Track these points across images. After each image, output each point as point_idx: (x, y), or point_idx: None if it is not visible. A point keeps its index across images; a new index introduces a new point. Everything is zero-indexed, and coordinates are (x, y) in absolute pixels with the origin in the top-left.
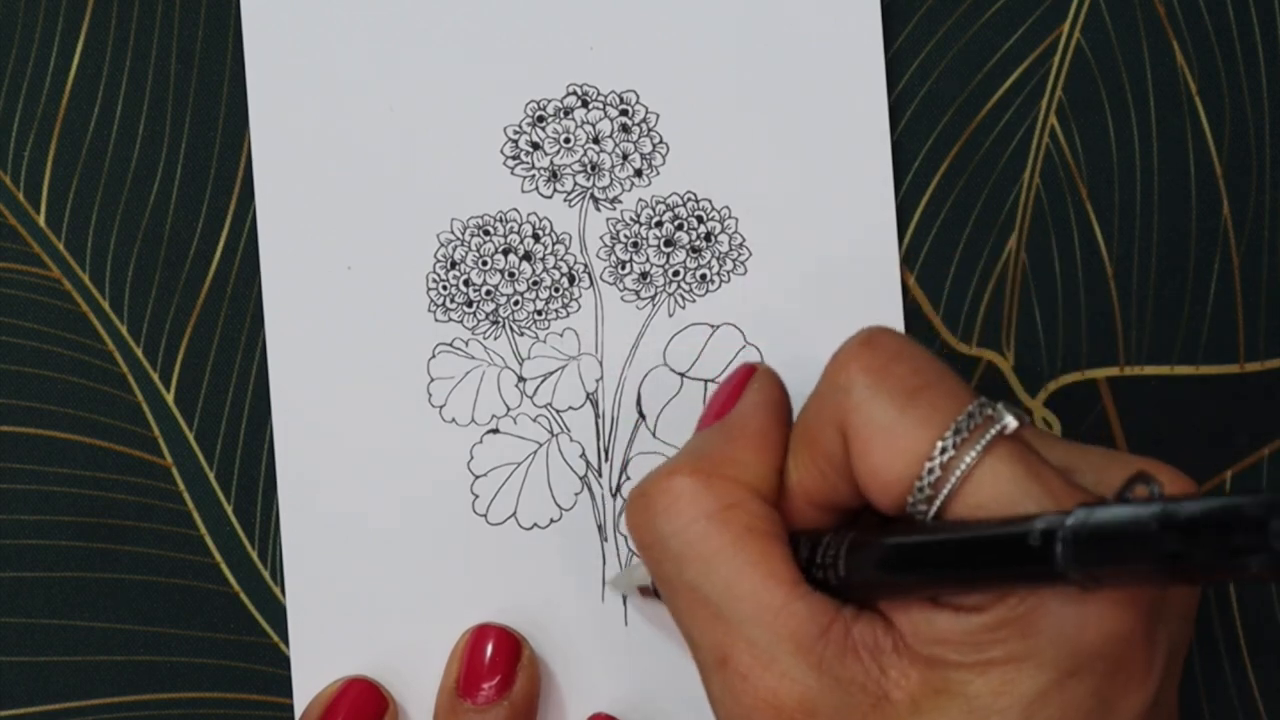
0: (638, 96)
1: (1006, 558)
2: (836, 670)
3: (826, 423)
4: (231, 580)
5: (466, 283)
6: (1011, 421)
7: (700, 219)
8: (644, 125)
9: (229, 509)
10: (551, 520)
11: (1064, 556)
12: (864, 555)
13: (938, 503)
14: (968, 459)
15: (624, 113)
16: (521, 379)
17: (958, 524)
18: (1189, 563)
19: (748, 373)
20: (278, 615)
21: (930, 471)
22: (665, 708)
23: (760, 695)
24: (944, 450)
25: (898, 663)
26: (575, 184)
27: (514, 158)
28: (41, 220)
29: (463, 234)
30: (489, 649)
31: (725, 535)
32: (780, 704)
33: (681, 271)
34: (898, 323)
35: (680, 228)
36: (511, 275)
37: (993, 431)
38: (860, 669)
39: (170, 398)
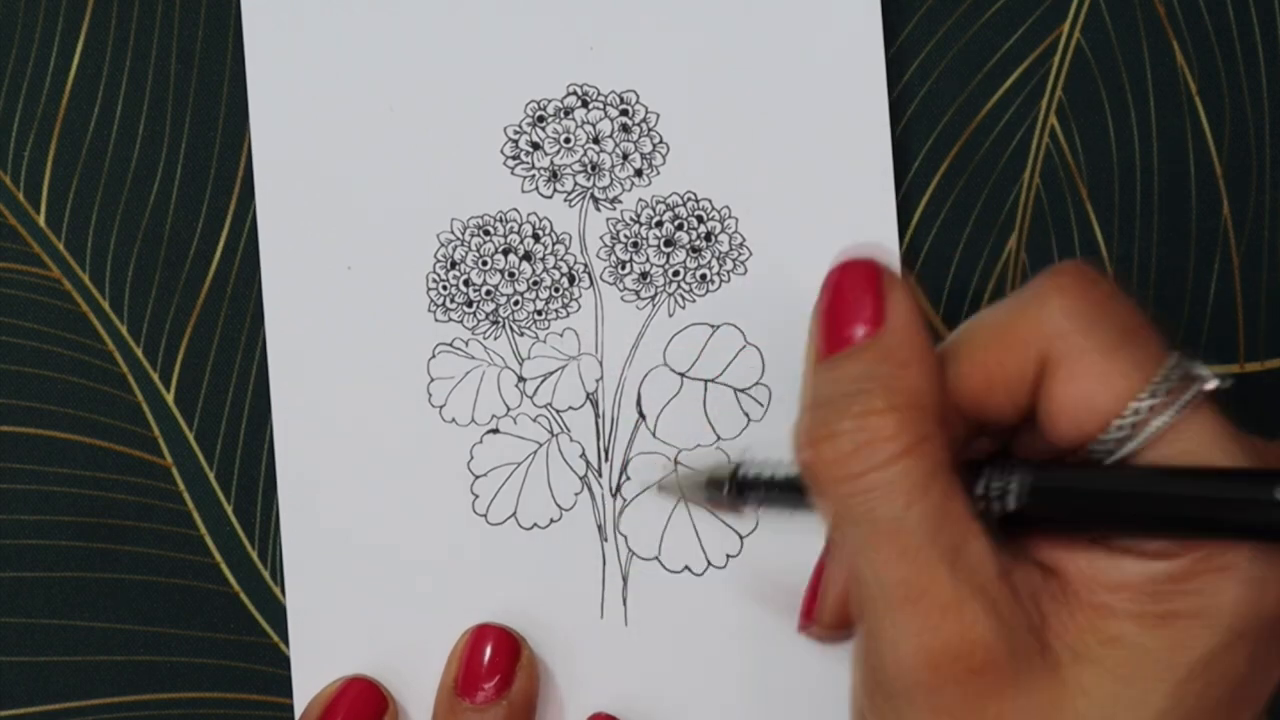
0: (638, 96)
1: (1239, 510)
2: (1006, 615)
3: (1024, 340)
4: (231, 580)
5: (466, 283)
6: (1214, 379)
7: (700, 219)
8: (644, 125)
9: (229, 509)
10: (551, 520)
11: None
12: (1057, 493)
13: (1132, 445)
14: (1174, 409)
15: (624, 113)
16: (521, 379)
17: (1161, 470)
18: None
19: (874, 274)
20: (278, 615)
21: (1136, 412)
22: (665, 708)
23: (944, 637)
24: (1153, 394)
25: (1057, 611)
26: (575, 184)
27: (514, 158)
28: (41, 220)
29: (463, 234)
30: (488, 649)
31: (919, 473)
32: (964, 647)
33: (681, 271)
34: None
35: (680, 228)
36: (511, 275)
37: (1197, 387)
38: (1023, 614)
39: (170, 398)
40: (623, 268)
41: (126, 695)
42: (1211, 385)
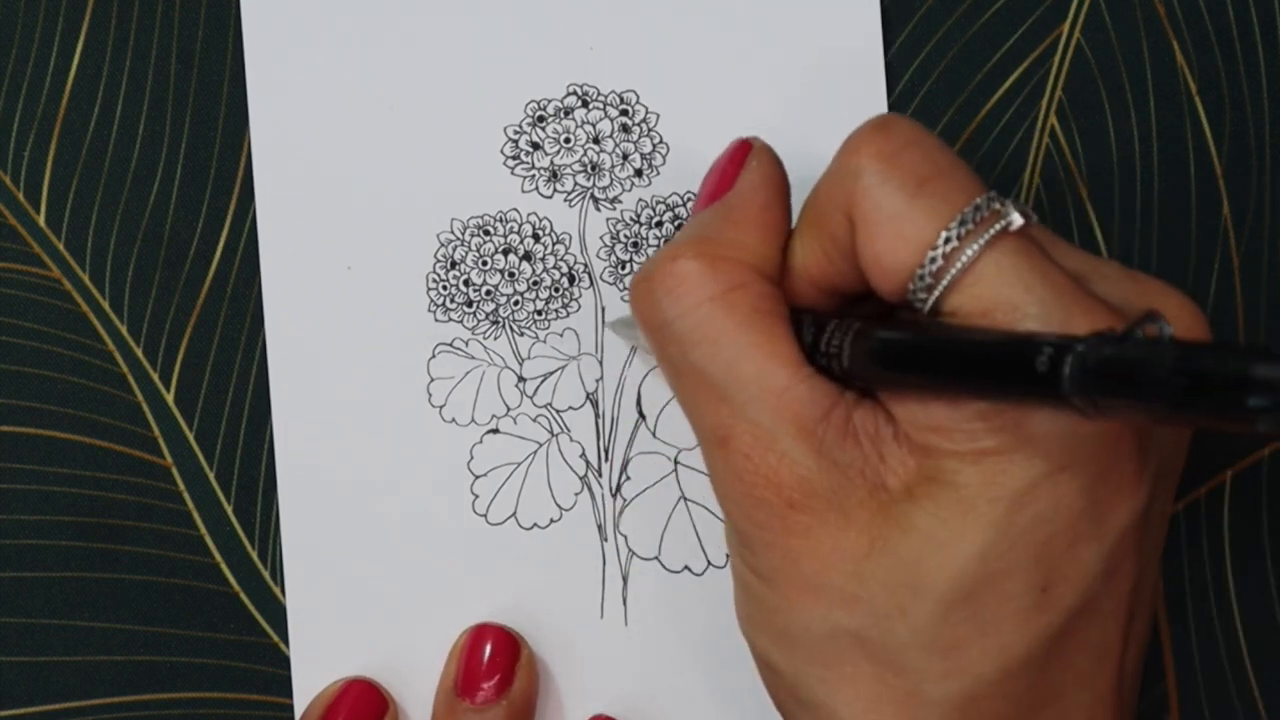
0: (638, 97)
1: (1011, 373)
2: (835, 454)
3: (834, 205)
4: (231, 580)
5: (466, 283)
6: (1017, 217)
7: None
8: (644, 125)
9: (229, 509)
10: (551, 520)
11: (1070, 383)
12: (866, 347)
13: (937, 292)
14: (971, 250)
15: (624, 113)
16: (521, 379)
17: (964, 329)
18: (1195, 410)
19: (743, 149)
20: (278, 615)
21: (933, 260)
22: (665, 708)
23: (761, 474)
24: (948, 240)
25: (896, 451)
26: (575, 184)
27: (514, 158)
28: (41, 220)
29: (463, 234)
30: (487, 649)
31: (731, 317)
32: (780, 483)
33: None
34: None
35: (680, 228)
36: (511, 275)
37: (999, 225)
38: (859, 454)
39: (170, 398)
40: (623, 268)
41: (126, 695)
42: (1015, 223)
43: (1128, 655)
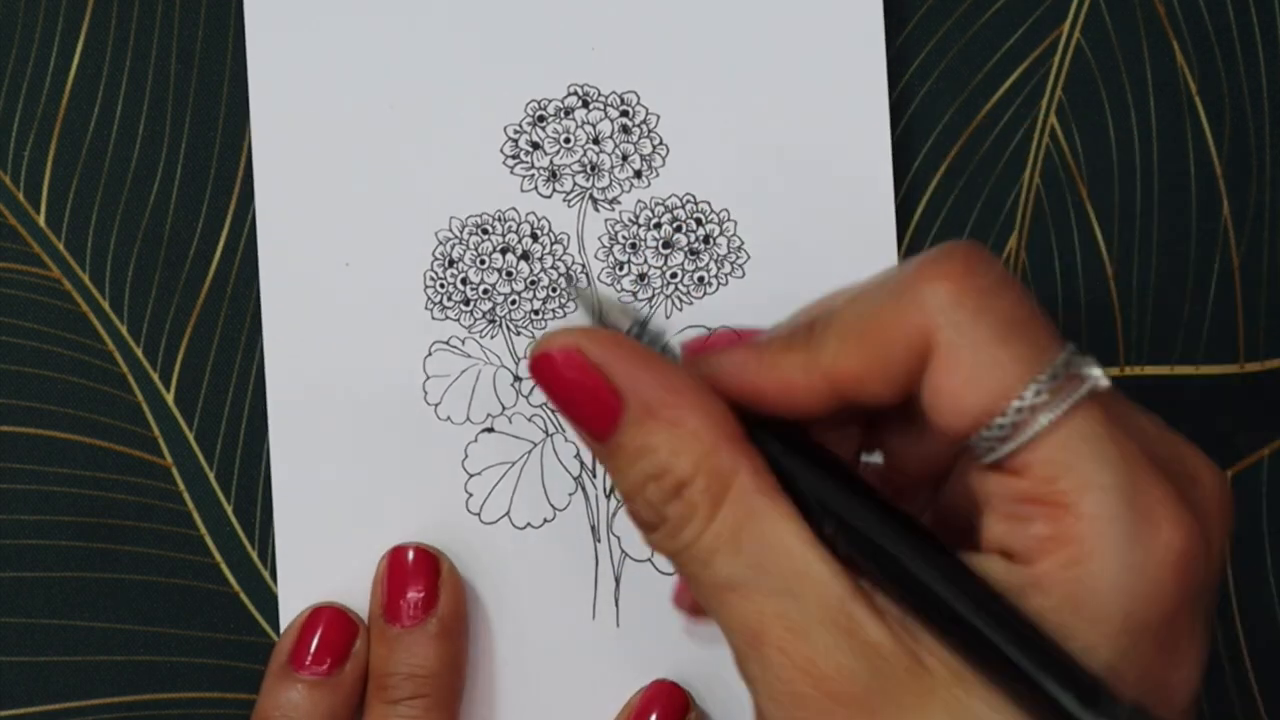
0: (638, 97)
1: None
2: (867, 635)
3: (905, 324)
4: (231, 580)
5: (464, 281)
6: (1104, 380)
7: (699, 221)
8: (644, 126)
9: (229, 509)
10: (545, 520)
11: None
12: (868, 557)
13: (1011, 445)
14: (1059, 408)
15: (624, 114)
16: (517, 378)
17: (1004, 612)
18: None
19: (567, 355)
20: (278, 615)
21: (1018, 411)
22: None
23: (799, 667)
24: (1038, 393)
25: (929, 633)
26: (574, 184)
27: (514, 157)
28: (41, 220)
29: (461, 232)
30: (408, 568)
31: (739, 513)
32: (820, 675)
33: (679, 274)
34: None
35: (679, 230)
36: (509, 274)
37: (1086, 388)
38: (888, 635)
39: (170, 398)
40: (620, 269)
41: (126, 695)
42: (1103, 385)
43: None
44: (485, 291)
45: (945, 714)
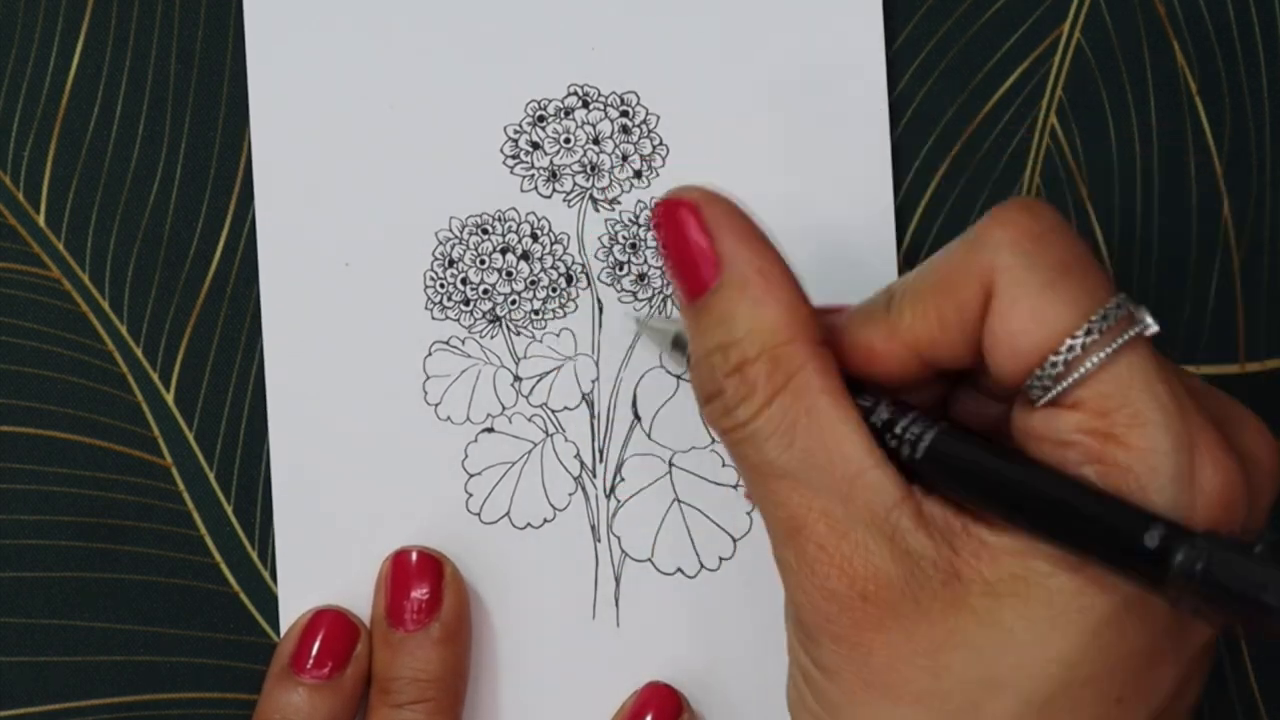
0: (638, 98)
1: (1112, 543)
2: (909, 543)
3: (970, 274)
4: (231, 580)
5: (464, 281)
6: (1152, 323)
7: None
8: (644, 126)
9: (229, 509)
10: (545, 520)
11: (1177, 576)
12: (952, 462)
13: (1065, 383)
14: (1110, 347)
15: (624, 114)
16: (517, 378)
17: (1061, 474)
18: None
19: (687, 210)
20: (277, 615)
21: (1070, 349)
22: None
23: (835, 564)
24: (1089, 332)
25: (968, 542)
26: (574, 184)
27: (514, 157)
28: (41, 220)
29: (461, 232)
30: (411, 572)
31: (799, 405)
32: (854, 574)
33: None
34: None
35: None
36: (509, 274)
37: (1136, 329)
38: (930, 544)
39: (170, 398)
40: (620, 269)
41: (126, 695)
42: (1151, 329)
43: None
44: (485, 291)
45: (975, 622)
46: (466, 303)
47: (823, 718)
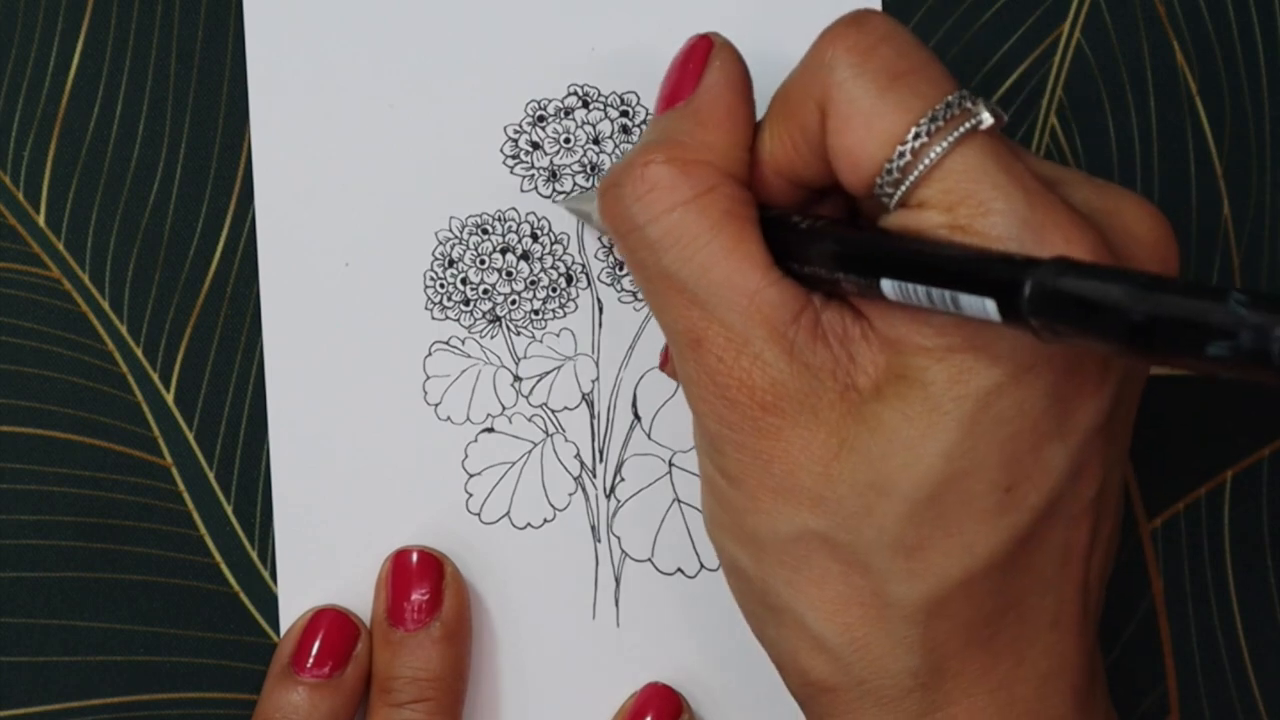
0: (639, 98)
1: (970, 289)
2: (806, 356)
3: (806, 96)
4: (231, 580)
5: (464, 281)
6: (987, 117)
7: None
8: (644, 126)
9: (229, 509)
10: (545, 520)
11: (1029, 305)
12: (828, 250)
13: (903, 187)
14: (940, 146)
15: (625, 114)
16: (517, 378)
17: (925, 240)
18: (1152, 351)
19: (704, 46)
20: (277, 615)
21: (900, 155)
22: None
23: (734, 375)
24: (917, 136)
25: (865, 350)
26: (575, 184)
27: (514, 157)
28: (41, 220)
29: (461, 232)
30: (411, 572)
31: (703, 221)
32: (753, 385)
33: None
34: None
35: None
36: (509, 274)
37: (970, 124)
38: (829, 355)
39: (170, 398)
40: (621, 269)
41: (126, 695)
42: (985, 122)
43: (1093, 560)
44: (485, 291)
45: (865, 429)
46: (466, 303)
47: (730, 527)
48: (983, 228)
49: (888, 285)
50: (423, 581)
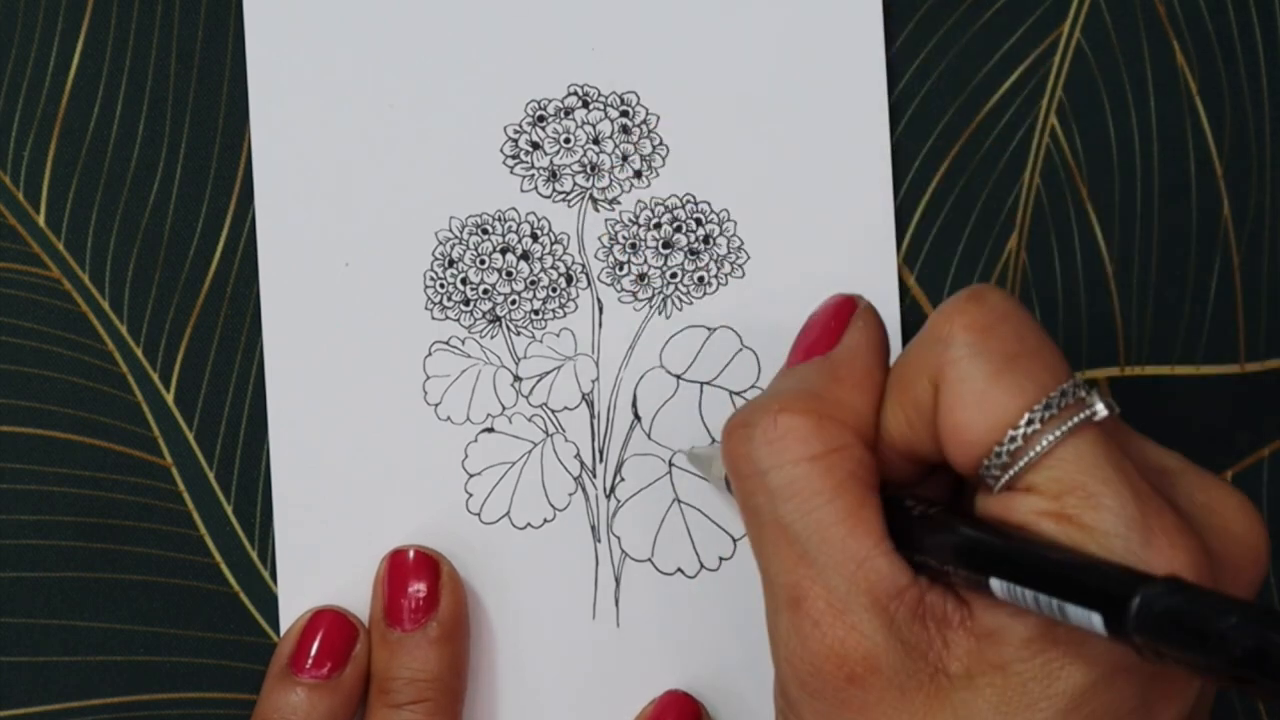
0: (638, 98)
1: (1080, 596)
2: (904, 633)
3: (921, 372)
4: (231, 580)
5: (464, 281)
6: (1101, 409)
7: (699, 221)
8: (644, 126)
9: (229, 509)
10: (545, 520)
11: (1135, 623)
12: (939, 539)
13: (1011, 472)
14: (1052, 435)
15: (624, 114)
16: (517, 378)
17: (1036, 541)
18: (1251, 679)
19: (849, 306)
20: (277, 615)
21: (1012, 440)
22: None
23: (828, 643)
24: (1030, 422)
25: (961, 638)
26: (574, 184)
27: (514, 157)
28: (41, 220)
29: (461, 232)
30: (408, 570)
31: (828, 479)
32: (846, 654)
33: (679, 274)
34: (895, 323)
35: (679, 230)
36: (509, 274)
37: (1083, 415)
38: (925, 636)
39: (170, 398)
40: (620, 269)
41: (126, 695)
42: (1100, 415)
43: None
44: (485, 291)
45: (948, 712)
46: (466, 303)
47: None
48: (1090, 521)
49: (996, 584)
50: (419, 580)
